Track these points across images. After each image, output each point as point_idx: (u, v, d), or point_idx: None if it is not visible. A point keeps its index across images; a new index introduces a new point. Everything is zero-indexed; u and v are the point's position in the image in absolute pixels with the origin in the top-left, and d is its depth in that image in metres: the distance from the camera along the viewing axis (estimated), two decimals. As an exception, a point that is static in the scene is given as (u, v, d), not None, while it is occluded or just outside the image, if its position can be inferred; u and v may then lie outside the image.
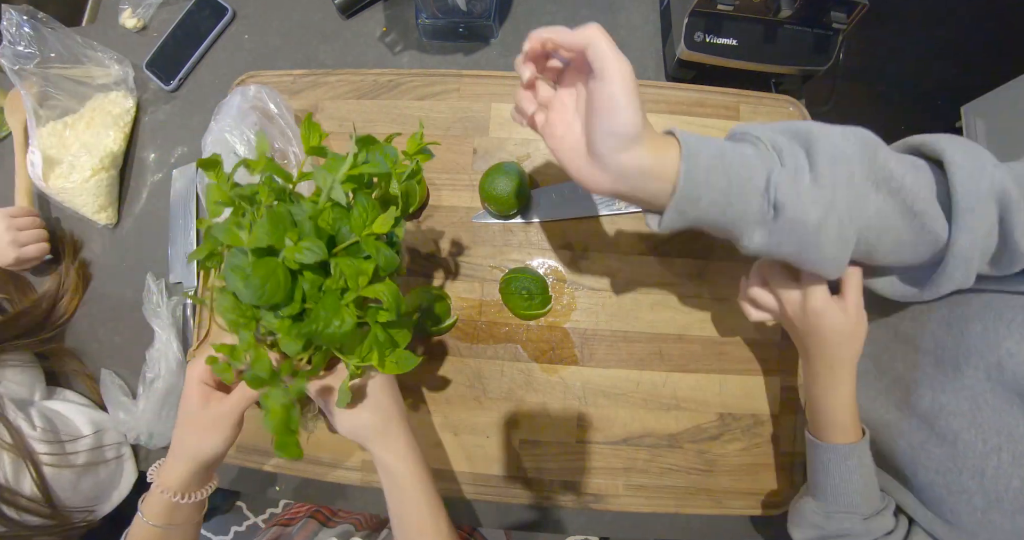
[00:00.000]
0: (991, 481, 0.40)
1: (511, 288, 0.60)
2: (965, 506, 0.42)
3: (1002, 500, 0.39)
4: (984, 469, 0.40)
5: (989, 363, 0.41)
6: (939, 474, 0.44)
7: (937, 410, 0.45)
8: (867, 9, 0.58)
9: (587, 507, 0.61)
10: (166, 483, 0.45)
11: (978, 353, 0.42)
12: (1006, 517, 0.39)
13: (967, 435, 0.42)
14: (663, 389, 0.61)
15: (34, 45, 0.67)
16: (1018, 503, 0.38)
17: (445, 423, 0.62)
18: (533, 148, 0.66)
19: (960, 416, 0.42)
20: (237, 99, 0.58)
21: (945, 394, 0.44)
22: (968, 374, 0.42)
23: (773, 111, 0.66)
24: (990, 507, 0.40)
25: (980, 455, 0.41)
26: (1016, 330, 0.39)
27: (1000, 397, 0.40)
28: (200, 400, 0.44)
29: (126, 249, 0.72)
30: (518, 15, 0.73)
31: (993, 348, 0.40)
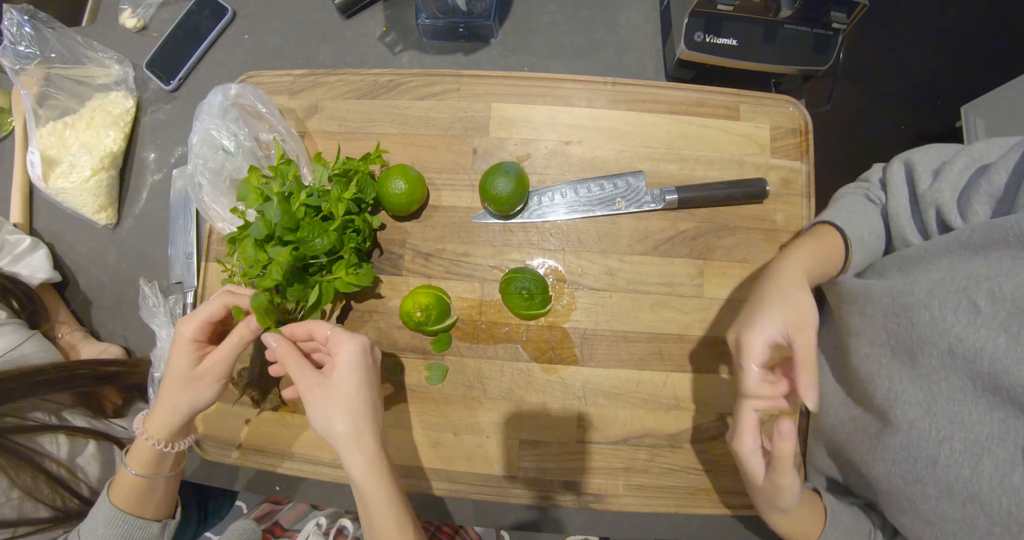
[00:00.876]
0: (943, 470, 0.40)
1: (511, 288, 0.60)
2: (920, 495, 0.42)
3: (953, 489, 0.39)
4: (936, 458, 0.40)
5: (941, 351, 0.41)
6: (895, 464, 0.44)
7: (893, 399, 0.45)
8: (867, 9, 0.58)
9: (587, 507, 0.61)
10: (155, 434, 0.47)
11: (930, 342, 0.42)
12: (957, 506, 0.39)
13: (921, 424, 0.42)
14: (663, 389, 0.61)
15: (34, 45, 0.67)
16: (968, 492, 0.38)
17: (445, 423, 0.62)
18: (533, 148, 0.66)
19: (915, 405, 0.43)
20: (219, 97, 0.59)
21: (901, 383, 0.44)
22: (923, 363, 0.43)
23: (773, 111, 0.66)
24: (942, 496, 0.40)
25: (933, 443, 0.41)
26: (962, 315, 0.40)
27: (953, 384, 0.40)
28: (195, 356, 0.47)
29: (126, 249, 0.72)
30: (518, 15, 0.73)
31: (943, 335, 0.41)
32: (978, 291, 0.39)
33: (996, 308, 0.38)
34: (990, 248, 0.40)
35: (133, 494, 0.48)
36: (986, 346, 0.38)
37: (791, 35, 0.63)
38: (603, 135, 0.66)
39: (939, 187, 0.48)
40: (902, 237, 0.52)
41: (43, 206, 0.74)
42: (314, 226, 0.54)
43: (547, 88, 0.67)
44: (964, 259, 0.42)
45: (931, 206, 0.48)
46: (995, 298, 0.38)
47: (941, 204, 0.47)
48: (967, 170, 0.47)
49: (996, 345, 0.37)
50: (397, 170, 0.61)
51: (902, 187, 0.52)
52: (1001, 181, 0.43)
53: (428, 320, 0.60)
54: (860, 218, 0.53)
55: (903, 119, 1.65)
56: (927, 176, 0.50)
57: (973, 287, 0.40)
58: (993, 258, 0.40)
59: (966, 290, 0.40)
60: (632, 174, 0.65)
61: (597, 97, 0.67)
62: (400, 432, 0.62)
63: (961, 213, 0.46)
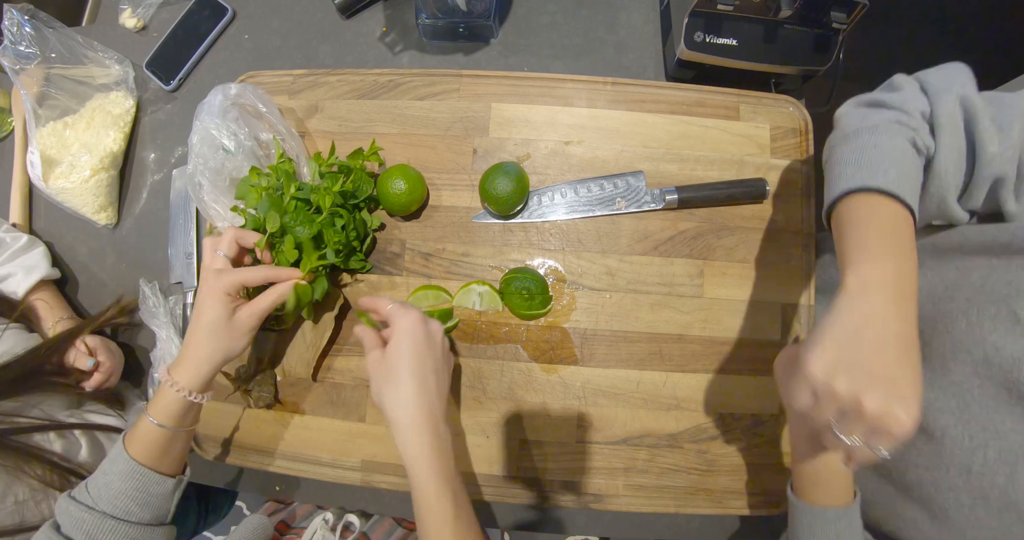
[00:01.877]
0: (977, 478, 0.39)
1: (511, 288, 0.60)
2: (953, 503, 0.41)
3: (988, 497, 0.39)
4: (971, 466, 0.40)
5: (976, 359, 0.40)
6: (927, 471, 0.43)
7: (925, 407, 0.43)
8: (867, 9, 0.58)
9: (587, 507, 0.60)
10: (185, 384, 0.48)
11: (965, 350, 0.41)
12: (992, 514, 0.39)
13: (954, 431, 0.41)
14: (663, 389, 0.61)
15: (35, 45, 0.67)
16: (1004, 500, 0.38)
17: (445, 423, 0.62)
18: (533, 148, 0.66)
19: (948, 413, 0.42)
20: (219, 97, 0.59)
21: (933, 391, 0.43)
22: (956, 370, 0.41)
23: (773, 111, 0.66)
24: (976, 504, 0.40)
25: (967, 451, 0.40)
26: (1000, 324, 0.38)
27: (987, 393, 0.39)
28: (230, 307, 0.49)
29: (126, 249, 0.72)
30: (518, 15, 0.73)
31: (979, 344, 0.40)
32: (1019, 300, 0.38)
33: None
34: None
35: (154, 447, 0.48)
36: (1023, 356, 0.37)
37: (791, 35, 0.62)
38: (603, 135, 0.66)
39: (1011, 155, 0.38)
40: (943, 199, 0.41)
41: (43, 206, 0.74)
42: (299, 214, 0.55)
43: (547, 88, 0.67)
44: (1004, 261, 0.40)
45: (991, 178, 0.39)
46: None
47: (1005, 178, 0.39)
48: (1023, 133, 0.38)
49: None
50: (397, 170, 0.61)
51: (960, 138, 0.39)
52: None
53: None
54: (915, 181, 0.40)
55: (903, 119, 1.64)
56: (993, 132, 0.38)
57: (1014, 296, 0.38)
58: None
59: (1007, 299, 0.38)
60: (632, 174, 0.65)
61: (597, 97, 0.67)
62: (400, 432, 0.62)
63: (1017, 193, 0.39)
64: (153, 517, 0.48)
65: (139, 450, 0.47)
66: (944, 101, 0.41)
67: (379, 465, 0.62)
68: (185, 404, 0.48)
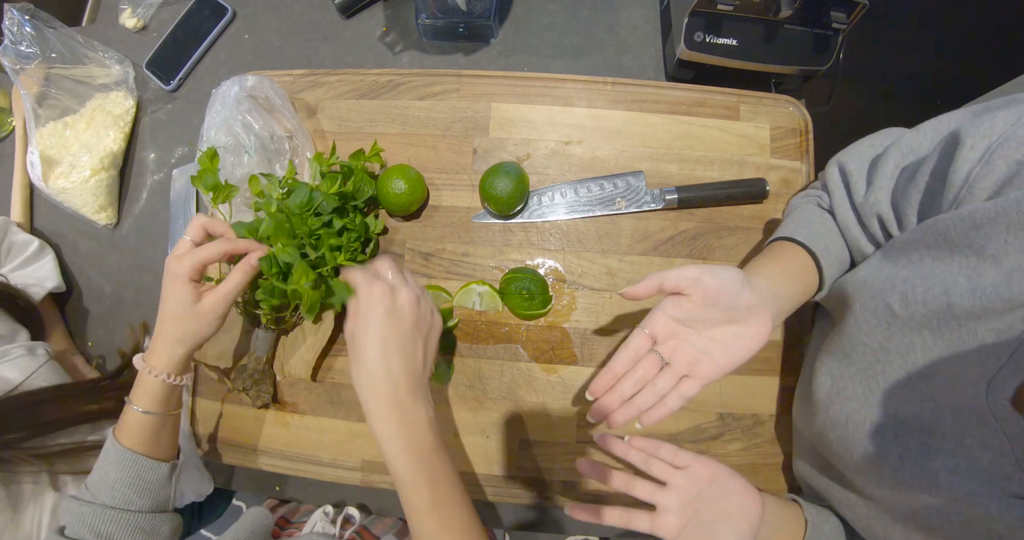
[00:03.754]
0: (873, 460, 0.40)
1: (511, 288, 0.60)
2: (865, 484, 0.42)
3: (883, 476, 0.40)
4: (869, 448, 0.41)
5: (874, 348, 0.42)
6: (838, 457, 0.45)
7: (834, 396, 0.45)
8: (867, 9, 0.58)
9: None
10: (161, 366, 0.48)
11: (861, 342, 0.43)
12: (894, 492, 0.40)
13: (857, 417, 0.42)
14: (663, 389, 0.61)
15: (35, 45, 0.67)
16: (896, 479, 0.39)
17: (445, 423, 0.62)
18: (533, 148, 0.66)
19: (854, 399, 0.43)
20: (235, 88, 0.59)
21: (843, 381, 0.45)
22: (858, 360, 0.43)
23: (773, 111, 0.66)
24: (882, 484, 0.41)
25: (867, 435, 0.41)
26: (881, 318, 0.40)
27: (889, 377, 0.41)
28: (193, 293, 0.48)
29: (126, 249, 0.72)
30: (518, 15, 0.73)
31: (871, 335, 0.41)
32: (893, 294, 0.40)
33: (911, 311, 0.38)
34: (912, 249, 0.41)
35: (142, 434, 0.48)
36: (914, 341, 0.38)
37: (791, 35, 0.63)
38: (603, 135, 0.66)
39: (875, 198, 0.45)
40: (857, 248, 0.49)
41: (43, 206, 0.74)
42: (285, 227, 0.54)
43: (547, 88, 0.67)
44: (890, 260, 0.43)
45: (872, 217, 0.46)
46: (907, 301, 0.38)
47: (882, 214, 0.45)
48: (896, 169, 0.45)
49: (924, 339, 0.38)
50: (397, 170, 0.61)
51: (843, 196, 0.50)
52: (924, 186, 0.41)
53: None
54: (819, 227, 0.51)
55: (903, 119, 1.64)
56: (861, 182, 0.47)
57: (888, 290, 0.40)
58: (915, 259, 0.40)
59: (882, 293, 0.41)
60: (632, 174, 0.65)
61: (597, 97, 0.67)
62: (400, 432, 0.62)
63: (897, 220, 0.45)
64: (154, 504, 0.48)
65: (129, 439, 0.47)
66: (829, 171, 0.52)
67: (379, 465, 0.62)
68: (165, 388, 0.48)
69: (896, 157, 0.45)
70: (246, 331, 0.64)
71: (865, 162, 0.48)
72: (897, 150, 0.45)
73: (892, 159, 0.45)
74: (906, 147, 0.44)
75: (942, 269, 0.37)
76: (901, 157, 0.45)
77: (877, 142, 0.50)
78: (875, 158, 0.47)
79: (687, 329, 0.45)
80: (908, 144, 0.44)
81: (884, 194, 0.45)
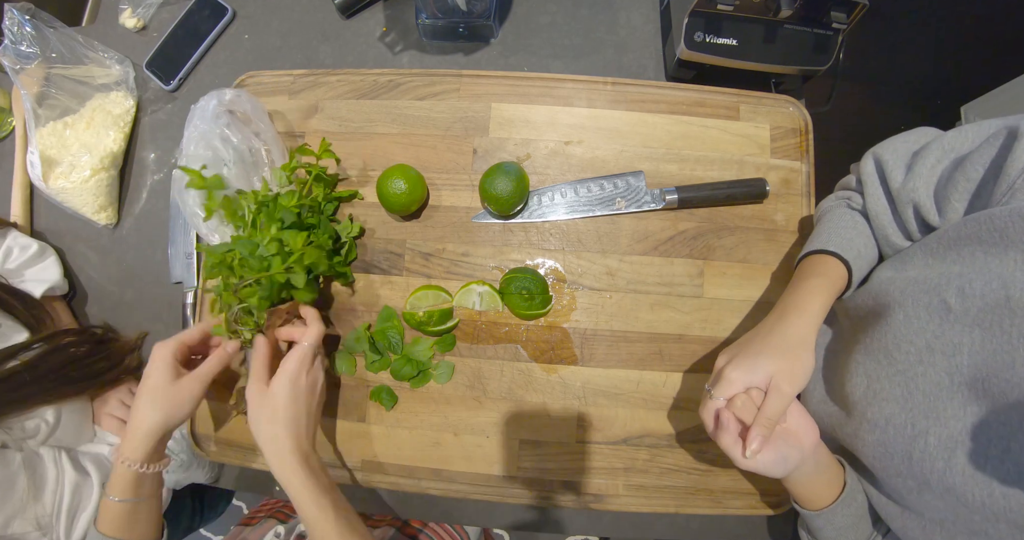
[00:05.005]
0: (917, 464, 0.40)
1: (511, 288, 0.60)
2: (903, 488, 0.43)
3: (929, 482, 0.40)
4: (912, 453, 0.41)
5: (919, 347, 0.42)
6: (876, 459, 0.45)
7: (871, 397, 0.45)
8: (867, 9, 0.58)
9: (587, 507, 0.60)
10: (131, 456, 0.49)
11: (907, 340, 0.43)
12: (936, 497, 0.40)
13: (898, 420, 0.42)
14: (663, 389, 0.61)
15: (35, 45, 0.67)
16: (943, 484, 0.39)
17: (445, 423, 0.62)
18: (533, 148, 0.66)
19: (892, 401, 0.43)
20: (213, 102, 0.59)
21: (879, 382, 0.45)
22: (900, 359, 0.43)
23: (773, 111, 0.66)
24: (922, 488, 0.41)
25: (908, 439, 0.41)
26: (935, 313, 0.40)
27: (930, 379, 0.41)
28: (172, 374, 0.51)
29: (126, 249, 0.72)
30: (518, 15, 0.73)
31: (919, 333, 0.42)
32: (949, 289, 0.40)
33: (967, 305, 0.38)
34: (963, 244, 0.41)
35: (119, 520, 0.50)
36: (963, 340, 0.38)
37: (791, 35, 0.63)
38: (603, 135, 0.66)
39: (913, 185, 0.46)
40: (885, 238, 0.51)
41: (43, 206, 0.74)
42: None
43: (547, 88, 0.67)
44: (939, 256, 0.43)
45: (908, 205, 0.47)
46: (965, 295, 0.38)
47: (918, 202, 0.46)
48: (940, 163, 0.45)
49: (972, 339, 0.38)
50: (397, 170, 0.61)
51: (877, 186, 0.50)
52: (977, 175, 0.42)
53: (430, 320, 0.60)
54: (851, 233, 0.52)
55: (903, 119, 1.64)
56: (899, 172, 0.48)
57: (944, 285, 0.40)
58: (966, 254, 0.40)
59: (937, 288, 0.41)
60: (632, 174, 0.65)
61: (597, 97, 0.67)
62: (400, 432, 0.62)
63: (939, 210, 0.45)
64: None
65: (107, 526, 0.50)
66: (864, 162, 0.52)
67: (379, 465, 0.62)
68: (137, 476, 0.49)
69: (937, 151, 0.45)
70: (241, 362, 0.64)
71: (902, 154, 0.49)
72: (939, 145, 0.46)
73: (933, 153, 0.45)
74: (947, 144, 0.45)
75: (997, 264, 0.37)
76: (943, 152, 0.45)
77: (912, 138, 0.50)
78: (915, 151, 0.48)
79: None
80: (950, 141, 0.45)
81: (923, 182, 0.45)
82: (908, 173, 0.47)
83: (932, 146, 0.46)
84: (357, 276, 0.65)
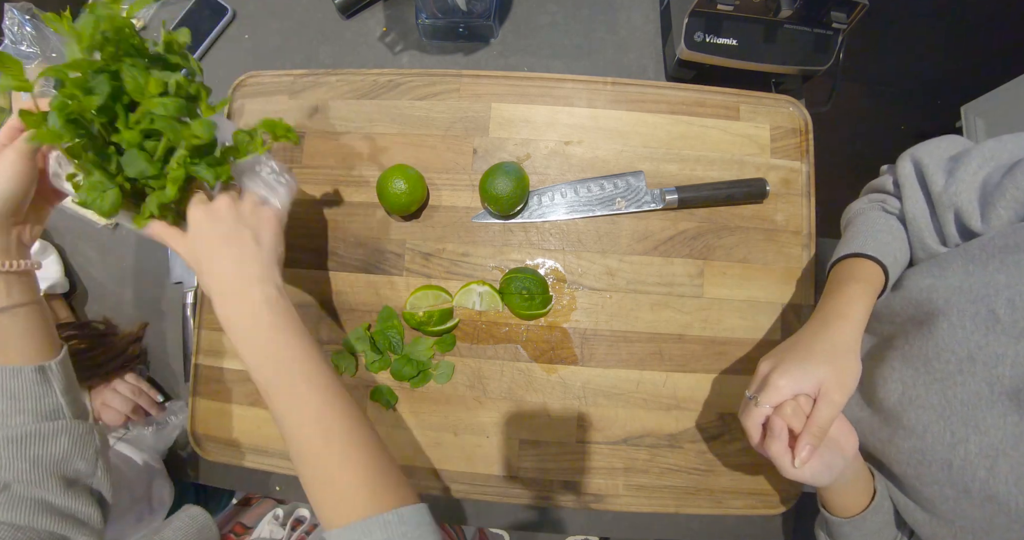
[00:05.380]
0: (958, 472, 0.40)
1: (511, 288, 0.60)
2: (938, 496, 0.42)
3: (970, 490, 0.40)
4: (951, 460, 0.41)
5: (960, 357, 0.41)
6: (910, 466, 0.45)
7: (907, 403, 0.45)
8: (867, 9, 0.58)
9: (587, 507, 0.61)
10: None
11: (949, 349, 0.42)
12: (975, 505, 0.40)
13: (936, 427, 0.42)
14: (663, 389, 0.61)
15: (35, 45, 0.67)
16: (985, 492, 0.39)
17: (445, 423, 0.62)
18: (533, 148, 0.66)
19: (930, 409, 0.43)
20: None
21: (916, 388, 0.45)
22: (939, 368, 0.43)
23: (773, 111, 0.66)
24: (960, 496, 0.41)
25: (947, 446, 0.41)
26: (981, 323, 0.40)
27: (970, 390, 0.41)
28: None
29: (126, 249, 0.72)
30: (518, 15, 0.73)
31: (963, 343, 0.41)
32: (998, 300, 0.39)
33: (1016, 316, 0.38)
34: (1008, 253, 0.40)
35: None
36: (1007, 352, 0.38)
37: (791, 35, 0.63)
38: (603, 135, 0.66)
39: (956, 190, 0.45)
40: (921, 241, 0.50)
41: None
42: None
43: (547, 88, 0.67)
44: (981, 264, 0.42)
45: (949, 209, 0.46)
46: (1015, 306, 0.38)
47: (960, 207, 0.45)
48: (981, 169, 0.45)
49: (1017, 351, 0.38)
50: (397, 170, 0.61)
51: (916, 189, 0.50)
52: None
53: (430, 320, 0.60)
54: (887, 237, 0.51)
55: (903, 119, 1.65)
56: (939, 176, 0.47)
57: (993, 296, 0.40)
58: (1011, 263, 0.40)
59: (985, 299, 0.40)
60: (632, 174, 0.65)
61: (597, 97, 0.67)
62: (400, 432, 0.62)
63: (983, 216, 0.44)
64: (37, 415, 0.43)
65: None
66: (901, 165, 0.52)
67: (379, 465, 0.62)
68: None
69: (979, 158, 0.46)
70: None
71: (939, 158, 0.49)
72: (979, 153, 0.46)
73: (975, 159, 0.46)
74: (988, 152, 0.46)
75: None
76: (983, 159, 0.45)
77: (945, 144, 0.50)
78: (954, 156, 0.48)
79: None
80: (991, 149, 0.46)
81: (966, 187, 0.45)
82: (950, 178, 0.47)
83: (972, 153, 0.46)
84: (357, 276, 0.65)
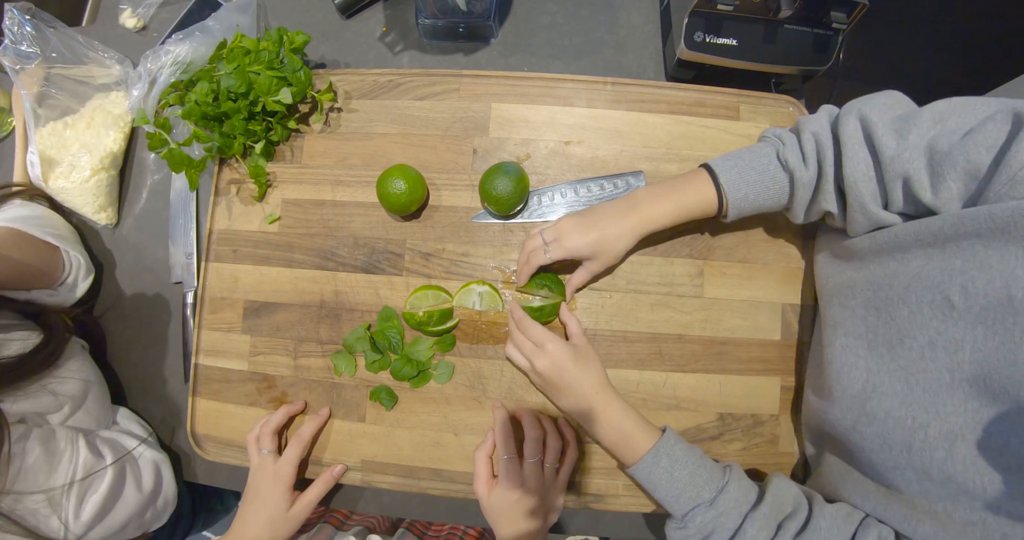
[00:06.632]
0: (917, 454, 0.41)
1: (532, 284, 0.60)
2: (902, 479, 0.43)
3: (929, 471, 0.40)
4: (911, 443, 0.41)
5: (922, 343, 0.42)
6: (873, 452, 0.45)
7: (870, 391, 0.45)
8: (867, 9, 0.58)
9: (587, 507, 0.60)
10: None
11: (910, 335, 0.42)
12: (937, 485, 0.40)
13: (897, 413, 0.42)
14: (663, 389, 0.61)
15: (35, 45, 0.67)
16: (944, 473, 0.39)
17: (445, 423, 0.62)
18: (533, 148, 0.66)
19: (892, 396, 0.43)
20: None
21: (879, 375, 0.45)
22: (903, 355, 0.43)
23: (773, 111, 0.66)
24: (922, 478, 0.41)
25: (907, 430, 0.41)
26: (938, 309, 0.40)
27: (931, 375, 0.41)
28: (290, 500, 0.57)
29: (126, 249, 0.72)
30: (518, 15, 0.73)
31: (922, 329, 0.41)
32: (952, 286, 0.40)
33: (970, 303, 0.38)
34: (962, 239, 0.40)
35: None
36: (966, 337, 0.39)
37: (791, 35, 0.63)
38: (603, 135, 0.66)
39: (909, 156, 0.43)
40: (862, 206, 0.47)
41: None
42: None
43: (547, 88, 0.67)
44: (938, 249, 0.42)
45: (898, 177, 0.44)
46: (968, 293, 0.38)
47: (910, 176, 0.43)
48: (929, 132, 0.43)
49: (975, 336, 0.38)
50: (397, 170, 0.61)
51: (860, 149, 0.47)
52: (982, 160, 0.39)
53: (430, 320, 0.60)
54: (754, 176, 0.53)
55: (903, 119, 1.64)
56: (890, 137, 0.45)
57: (947, 282, 0.40)
58: (966, 248, 0.40)
59: (940, 285, 0.41)
60: (632, 174, 0.65)
61: (597, 97, 0.67)
62: (400, 432, 0.62)
63: (932, 187, 0.43)
64: None
65: None
66: (845, 121, 0.48)
67: (379, 465, 0.62)
68: None
69: (928, 121, 0.43)
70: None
71: (887, 118, 0.46)
72: (929, 114, 0.44)
73: (925, 122, 0.43)
74: (937, 114, 0.44)
75: (998, 260, 0.37)
76: (932, 122, 0.43)
77: (892, 101, 0.48)
78: (902, 115, 0.46)
79: None
80: (940, 111, 0.44)
81: (918, 153, 0.43)
82: (901, 141, 0.44)
83: (923, 115, 0.44)
84: (357, 276, 0.65)
